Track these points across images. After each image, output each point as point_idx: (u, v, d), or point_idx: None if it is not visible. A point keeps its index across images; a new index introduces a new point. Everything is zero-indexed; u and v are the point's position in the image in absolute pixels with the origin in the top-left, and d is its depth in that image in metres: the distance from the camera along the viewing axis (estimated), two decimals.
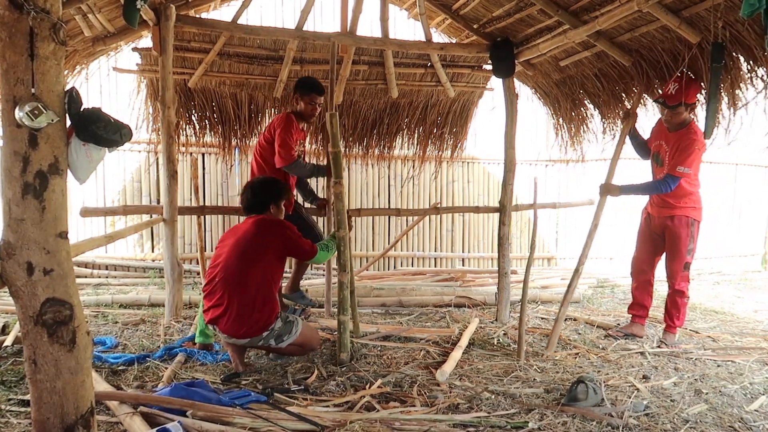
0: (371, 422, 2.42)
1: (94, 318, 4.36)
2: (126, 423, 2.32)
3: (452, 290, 5.51)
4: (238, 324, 3.07)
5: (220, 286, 3.14)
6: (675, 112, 3.70)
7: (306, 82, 4.21)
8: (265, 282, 3.15)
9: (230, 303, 3.09)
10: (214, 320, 3.14)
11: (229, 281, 3.11)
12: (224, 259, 3.18)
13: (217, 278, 3.17)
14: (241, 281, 3.09)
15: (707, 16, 3.30)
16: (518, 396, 2.85)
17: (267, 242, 3.18)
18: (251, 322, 3.08)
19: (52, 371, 1.64)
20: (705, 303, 5.60)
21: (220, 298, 3.12)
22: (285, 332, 3.18)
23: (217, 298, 3.13)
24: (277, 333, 3.16)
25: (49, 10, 1.57)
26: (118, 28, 4.12)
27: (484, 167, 7.82)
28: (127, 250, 6.70)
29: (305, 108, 4.15)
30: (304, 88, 4.14)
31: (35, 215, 1.59)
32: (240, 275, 3.10)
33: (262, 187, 3.43)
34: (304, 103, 4.13)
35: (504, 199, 4.74)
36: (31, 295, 1.61)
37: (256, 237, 3.19)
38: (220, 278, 3.15)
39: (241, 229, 3.30)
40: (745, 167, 8.35)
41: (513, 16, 4.41)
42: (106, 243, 3.55)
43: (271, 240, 3.19)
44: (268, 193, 3.40)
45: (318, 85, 4.18)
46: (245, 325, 3.07)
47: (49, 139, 1.61)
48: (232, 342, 3.16)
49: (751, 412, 2.75)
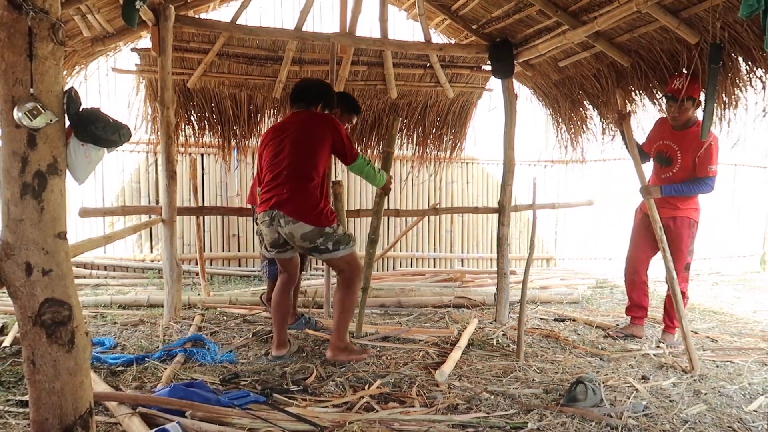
0: (370, 423, 2.42)
1: (93, 318, 4.35)
2: (125, 423, 2.31)
3: (451, 291, 5.51)
4: (307, 210, 3.06)
5: (286, 179, 3.10)
6: (683, 108, 3.69)
7: (352, 101, 4.08)
8: (324, 176, 3.21)
9: (298, 192, 3.07)
10: (279, 204, 3.07)
11: (298, 174, 3.10)
12: (288, 153, 3.14)
13: (284, 171, 3.12)
14: (306, 175, 3.10)
15: (706, 16, 3.31)
16: (517, 396, 2.85)
17: (323, 134, 3.17)
18: (317, 212, 3.08)
19: (51, 372, 1.64)
20: (704, 303, 5.60)
21: (289, 189, 3.08)
22: (343, 241, 3.17)
23: (286, 189, 3.09)
24: (336, 237, 3.15)
25: (47, 10, 1.57)
26: (117, 28, 4.12)
27: (483, 168, 7.82)
28: (126, 250, 6.70)
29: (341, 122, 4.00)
30: (349, 108, 4.01)
31: (34, 215, 1.59)
32: (305, 168, 3.10)
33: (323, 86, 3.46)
34: (344, 119, 3.98)
35: (503, 200, 4.74)
36: (30, 295, 1.61)
37: (315, 128, 3.18)
38: (287, 172, 3.11)
39: (293, 123, 3.25)
40: (744, 168, 8.36)
41: (512, 17, 4.42)
42: (105, 243, 3.54)
43: (326, 132, 3.18)
44: (327, 94, 3.42)
45: (359, 107, 4.14)
46: (313, 213, 3.07)
47: (48, 139, 1.61)
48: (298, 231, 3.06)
49: (750, 412, 2.75)
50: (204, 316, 4.45)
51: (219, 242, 6.96)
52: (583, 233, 8.05)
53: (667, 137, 3.89)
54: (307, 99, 3.34)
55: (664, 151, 3.91)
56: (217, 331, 4.05)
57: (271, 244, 3.23)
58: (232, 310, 4.72)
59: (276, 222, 3.12)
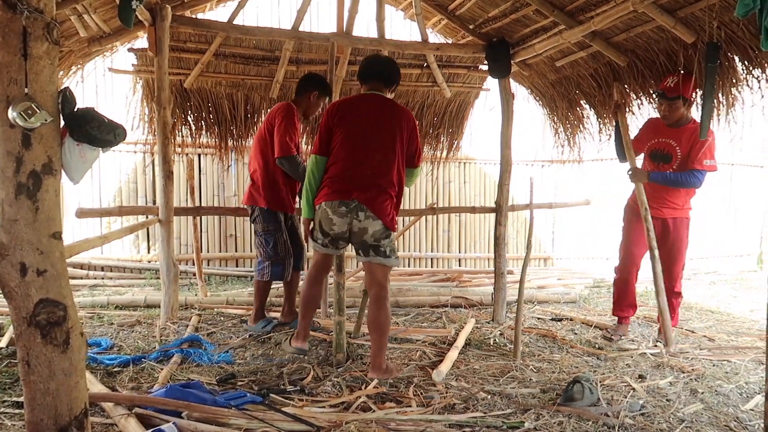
0: (367, 423, 2.42)
1: (89, 319, 4.34)
2: (121, 424, 2.31)
3: (449, 290, 5.51)
4: (387, 211, 3.09)
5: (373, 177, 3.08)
6: (673, 106, 3.69)
7: (327, 83, 4.13)
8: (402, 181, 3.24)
9: (383, 192, 3.09)
10: (365, 199, 3.03)
11: (384, 176, 3.10)
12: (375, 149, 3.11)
13: (370, 169, 3.09)
14: (391, 179, 3.13)
15: (702, 16, 3.31)
16: (514, 396, 2.85)
17: (406, 136, 3.21)
18: (392, 215, 3.14)
19: (46, 372, 1.64)
20: (701, 302, 5.61)
21: (377, 187, 3.08)
22: (395, 252, 3.21)
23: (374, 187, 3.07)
24: (394, 246, 3.21)
25: (42, 9, 1.56)
26: (113, 28, 4.11)
27: (480, 167, 7.82)
28: (123, 251, 6.69)
29: (314, 105, 4.07)
30: (325, 89, 4.06)
31: (29, 216, 1.59)
32: (390, 170, 3.12)
33: (396, 66, 3.41)
34: (319, 101, 4.05)
35: (500, 200, 4.74)
36: (25, 295, 1.60)
37: (399, 123, 3.18)
38: (372, 171, 3.09)
39: (376, 111, 3.19)
40: (741, 167, 8.38)
41: (509, 17, 4.42)
42: (101, 244, 3.53)
43: (406, 135, 3.21)
44: (397, 73, 3.39)
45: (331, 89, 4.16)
46: (390, 215, 3.11)
47: (43, 139, 1.60)
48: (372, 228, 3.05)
49: (747, 411, 2.75)
50: (201, 316, 4.45)
51: (216, 243, 6.96)
52: (581, 233, 8.05)
53: (663, 135, 3.87)
54: (385, 80, 3.30)
55: (661, 148, 3.89)
56: (214, 332, 4.05)
57: (337, 235, 3.13)
58: (229, 311, 4.71)
59: (353, 214, 3.06)
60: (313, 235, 3.26)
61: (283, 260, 4.00)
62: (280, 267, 3.99)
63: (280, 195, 3.97)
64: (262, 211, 3.96)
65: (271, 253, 3.97)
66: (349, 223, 3.08)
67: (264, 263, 4.00)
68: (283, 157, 3.80)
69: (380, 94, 3.29)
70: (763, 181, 8.56)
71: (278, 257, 3.98)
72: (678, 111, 3.72)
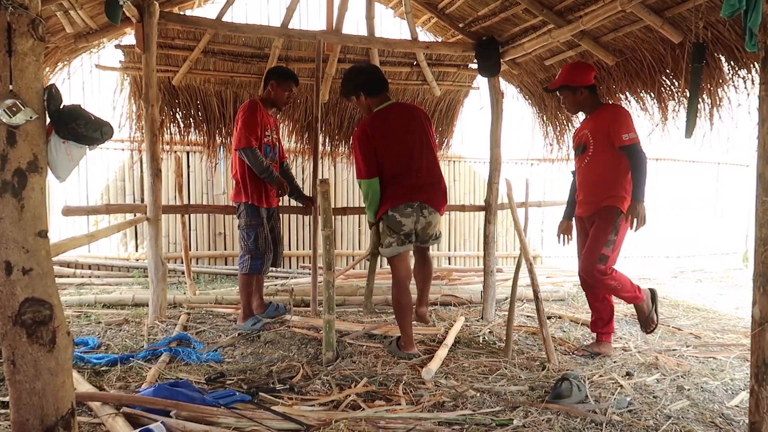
0: (356, 421, 2.42)
1: (76, 318, 4.31)
2: (108, 424, 2.29)
3: (438, 289, 5.51)
4: (443, 203, 3.57)
5: (428, 177, 3.47)
6: (564, 98, 3.66)
7: (284, 70, 4.20)
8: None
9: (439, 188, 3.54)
10: (427, 199, 3.45)
11: (435, 174, 3.52)
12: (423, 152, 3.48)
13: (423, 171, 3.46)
14: (440, 174, 3.57)
15: (689, 16, 3.34)
16: (503, 393, 2.86)
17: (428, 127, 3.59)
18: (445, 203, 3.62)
19: (32, 372, 1.62)
20: (687, 300, 5.67)
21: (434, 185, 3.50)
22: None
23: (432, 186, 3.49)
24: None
25: (27, 5, 1.55)
26: (100, 24, 4.07)
27: (470, 166, 7.84)
28: (111, 249, 6.64)
29: (280, 95, 4.12)
30: (283, 76, 4.13)
31: (14, 214, 1.57)
32: (437, 167, 3.56)
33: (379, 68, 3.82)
34: (281, 89, 4.10)
35: (490, 198, 4.76)
36: (10, 294, 1.58)
37: (431, 128, 3.61)
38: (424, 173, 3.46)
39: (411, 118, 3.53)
40: (727, 166, 8.47)
41: (498, 15, 4.43)
42: (88, 242, 3.50)
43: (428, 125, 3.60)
44: None
45: (294, 75, 4.20)
46: (444, 206, 3.61)
47: (28, 136, 1.59)
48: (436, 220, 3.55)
49: (732, 407, 2.78)
50: (190, 315, 4.42)
51: (205, 241, 6.92)
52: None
53: (581, 128, 3.70)
54: (388, 85, 3.62)
55: (579, 142, 3.69)
56: (203, 330, 4.03)
57: (410, 232, 3.46)
58: (218, 309, 4.69)
59: (417, 212, 3.43)
60: (384, 243, 3.51)
61: (263, 255, 4.05)
62: (259, 261, 4.04)
63: (259, 188, 4.03)
64: (246, 206, 4.03)
65: (252, 247, 4.02)
66: (415, 221, 3.45)
67: (245, 257, 4.06)
68: (240, 149, 3.91)
69: (393, 102, 3.58)
70: (749, 180, 8.65)
71: (258, 251, 4.03)
72: (570, 100, 3.60)
